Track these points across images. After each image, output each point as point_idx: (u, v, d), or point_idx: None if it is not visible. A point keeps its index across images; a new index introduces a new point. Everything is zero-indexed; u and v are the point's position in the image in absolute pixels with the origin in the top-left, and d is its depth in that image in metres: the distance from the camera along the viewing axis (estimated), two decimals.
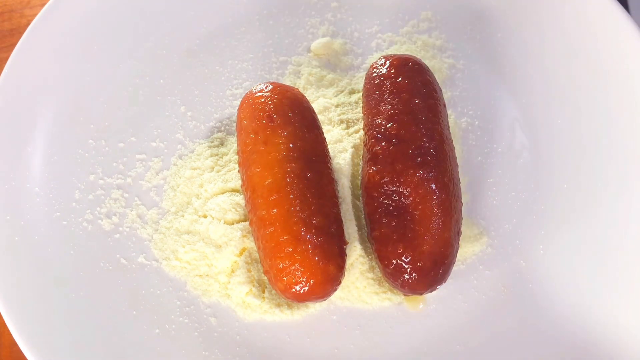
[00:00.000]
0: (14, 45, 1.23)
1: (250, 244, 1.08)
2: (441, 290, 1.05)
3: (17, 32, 1.43)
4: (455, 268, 1.06)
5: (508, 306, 1.05)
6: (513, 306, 1.05)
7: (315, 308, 1.05)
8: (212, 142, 1.21)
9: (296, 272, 0.94)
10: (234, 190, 1.14)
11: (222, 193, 1.14)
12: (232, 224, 1.11)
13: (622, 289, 1.03)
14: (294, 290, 0.95)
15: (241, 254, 1.08)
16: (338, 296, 1.06)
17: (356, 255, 1.07)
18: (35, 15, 1.26)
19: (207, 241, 1.10)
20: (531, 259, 1.09)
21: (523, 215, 1.13)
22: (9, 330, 0.98)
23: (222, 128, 1.23)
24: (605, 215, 1.10)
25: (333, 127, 1.20)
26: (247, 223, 1.09)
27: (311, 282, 0.94)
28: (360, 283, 1.06)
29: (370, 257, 1.08)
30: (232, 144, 1.20)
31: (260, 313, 1.05)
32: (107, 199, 1.15)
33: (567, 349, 1.00)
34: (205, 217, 1.12)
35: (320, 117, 1.19)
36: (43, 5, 1.27)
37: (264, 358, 1.02)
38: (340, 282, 0.98)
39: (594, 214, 1.10)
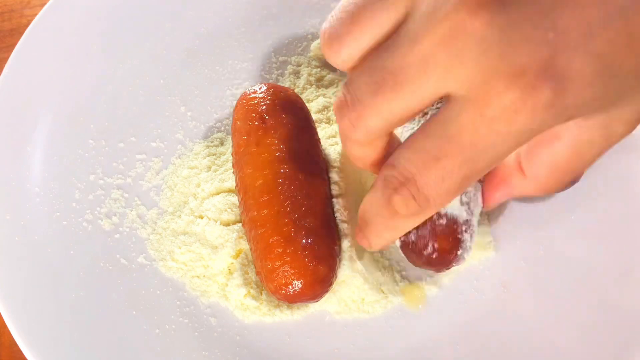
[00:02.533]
0: (14, 45, 1.22)
1: (246, 245, 1.08)
2: (441, 290, 1.06)
3: (17, 32, 1.43)
4: (455, 268, 1.06)
5: (508, 306, 1.05)
6: (513, 306, 1.05)
7: (315, 308, 1.05)
8: (211, 142, 1.21)
9: (286, 273, 0.94)
10: (230, 191, 1.14)
11: (219, 193, 1.14)
12: (228, 224, 1.10)
13: (622, 289, 1.03)
14: (283, 291, 0.95)
15: (237, 255, 1.08)
16: (335, 311, 1.05)
17: (347, 272, 1.03)
18: (35, 15, 1.26)
19: (204, 242, 1.09)
20: (531, 259, 1.09)
21: (523, 216, 1.13)
22: (9, 331, 0.98)
23: (222, 128, 1.23)
24: (605, 215, 1.09)
25: (330, 125, 1.20)
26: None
27: (301, 283, 0.94)
28: (357, 296, 1.05)
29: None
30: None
31: (259, 315, 1.04)
32: (107, 199, 1.15)
33: (568, 349, 1.00)
34: (201, 217, 1.12)
35: (319, 115, 1.19)
36: (43, 5, 1.27)
37: (264, 358, 1.02)
38: (331, 284, 0.98)
39: (594, 213, 1.10)
